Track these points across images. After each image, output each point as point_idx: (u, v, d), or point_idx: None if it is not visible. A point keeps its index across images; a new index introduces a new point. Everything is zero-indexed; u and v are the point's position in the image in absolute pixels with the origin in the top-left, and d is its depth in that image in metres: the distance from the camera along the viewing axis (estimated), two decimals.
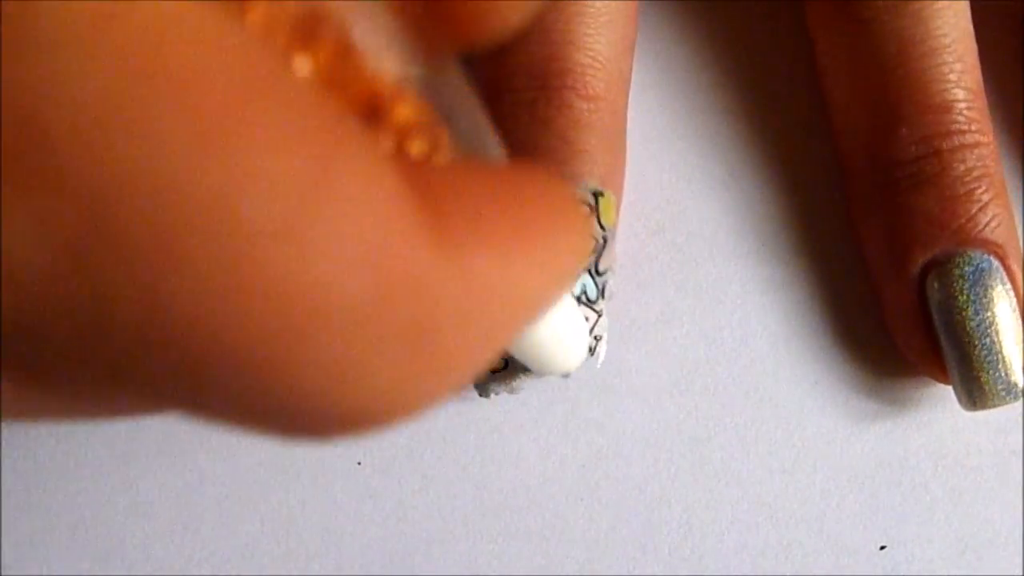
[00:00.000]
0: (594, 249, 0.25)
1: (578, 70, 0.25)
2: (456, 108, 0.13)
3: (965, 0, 0.26)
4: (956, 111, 0.25)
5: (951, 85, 0.25)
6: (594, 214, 0.25)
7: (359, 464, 0.27)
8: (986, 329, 0.25)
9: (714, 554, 0.27)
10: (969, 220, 0.25)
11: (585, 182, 0.25)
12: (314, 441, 0.11)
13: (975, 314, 0.25)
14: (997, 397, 0.25)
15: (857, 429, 0.27)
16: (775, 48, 0.29)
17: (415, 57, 0.11)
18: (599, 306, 0.25)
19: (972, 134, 0.25)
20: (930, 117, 0.25)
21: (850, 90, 0.26)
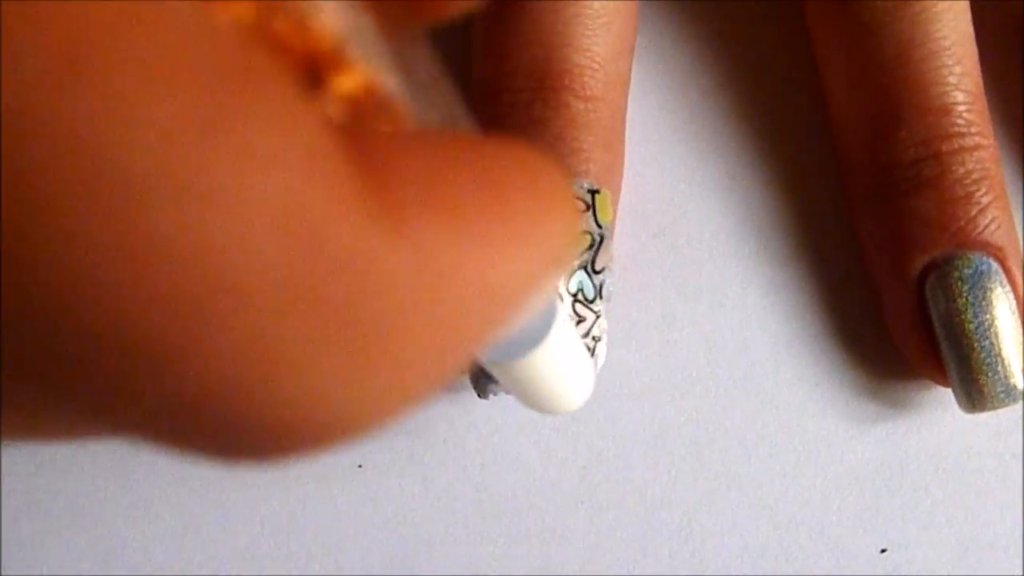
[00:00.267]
0: (591, 247, 0.25)
1: (576, 71, 0.25)
2: (426, 85, 0.12)
3: (965, 2, 0.26)
4: (956, 114, 0.25)
5: (951, 88, 0.25)
6: (590, 211, 0.25)
7: (359, 467, 0.27)
8: (985, 331, 0.25)
9: (715, 557, 0.27)
10: (969, 223, 0.25)
11: (581, 180, 0.25)
12: (240, 463, 0.09)
13: (974, 316, 0.25)
14: (996, 399, 0.25)
15: (857, 431, 0.27)
16: (775, 50, 0.29)
17: (380, 31, 0.10)
18: (597, 306, 0.25)
19: (972, 136, 0.25)
20: (930, 120, 0.25)
21: (850, 92, 0.26)
